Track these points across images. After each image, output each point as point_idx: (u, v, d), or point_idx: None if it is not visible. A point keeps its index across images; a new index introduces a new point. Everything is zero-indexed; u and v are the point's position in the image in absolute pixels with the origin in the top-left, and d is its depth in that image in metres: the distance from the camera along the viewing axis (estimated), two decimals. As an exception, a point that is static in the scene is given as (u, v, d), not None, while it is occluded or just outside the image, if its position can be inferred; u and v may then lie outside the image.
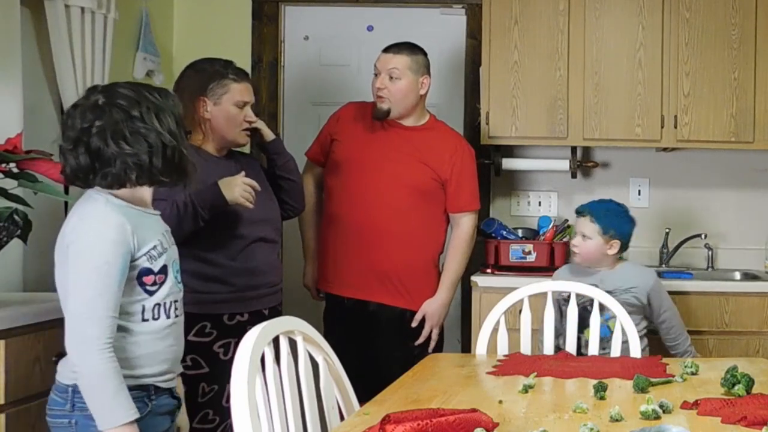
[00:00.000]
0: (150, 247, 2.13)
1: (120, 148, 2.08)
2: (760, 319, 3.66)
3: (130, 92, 2.12)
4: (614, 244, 3.20)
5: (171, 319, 2.18)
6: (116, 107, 2.09)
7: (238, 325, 2.85)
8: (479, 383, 2.37)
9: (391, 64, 3.33)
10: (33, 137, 2.89)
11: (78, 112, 2.11)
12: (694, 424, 1.89)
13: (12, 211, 2.42)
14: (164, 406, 2.19)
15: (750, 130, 3.85)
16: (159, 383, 2.16)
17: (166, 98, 2.19)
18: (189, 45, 4.12)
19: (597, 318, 2.87)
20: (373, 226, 3.32)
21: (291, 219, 3.27)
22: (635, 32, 3.86)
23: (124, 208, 2.11)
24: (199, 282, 2.78)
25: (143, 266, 2.11)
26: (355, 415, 2.03)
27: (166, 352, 2.17)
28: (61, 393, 2.11)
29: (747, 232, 4.18)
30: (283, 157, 3.08)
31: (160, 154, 2.11)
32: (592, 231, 3.19)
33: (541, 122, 3.88)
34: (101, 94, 2.12)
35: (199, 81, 2.89)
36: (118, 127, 2.08)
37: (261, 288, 2.91)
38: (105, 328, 2.02)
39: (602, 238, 3.19)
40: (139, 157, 2.09)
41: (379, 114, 3.35)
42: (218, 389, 2.81)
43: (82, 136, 2.08)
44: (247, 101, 2.90)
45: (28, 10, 3.02)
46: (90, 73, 3.13)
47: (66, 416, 2.10)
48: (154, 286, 2.14)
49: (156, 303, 2.14)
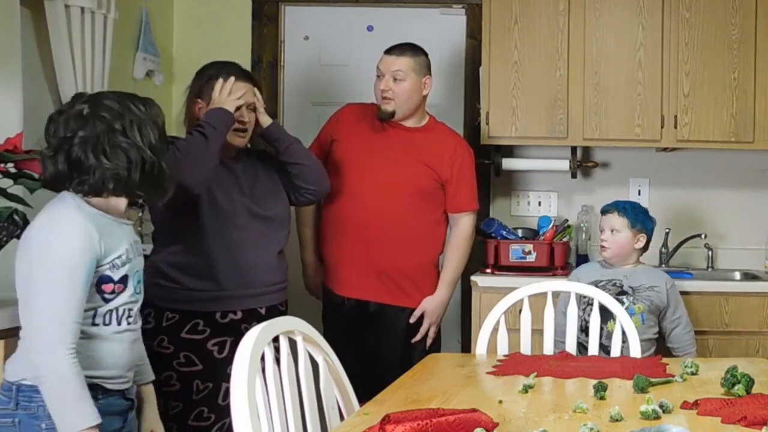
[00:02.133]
0: (115, 257, 2.13)
1: (99, 161, 2.09)
2: (760, 319, 3.66)
3: (115, 104, 2.13)
4: (641, 238, 3.34)
5: (122, 326, 2.18)
6: (99, 119, 2.10)
7: (231, 323, 2.84)
8: (479, 383, 2.37)
9: (395, 66, 3.33)
10: (33, 137, 2.88)
11: (62, 119, 2.12)
12: (694, 424, 1.89)
13: (12, 211, 2.42)
14: (114, 406, 2.18)
15: (750, 130, 3.85)
16: (106, 384, 2.16)
17: (150, 109, 2.20)
18: (189, 45, 4.12)
19: (622, 310, 2.91)
20: (372, 227, 3.32)
21: (313, 203, 3.28)
22: (635, 32, 3.86)
23: (94, 215, 2.12)
24: (191, 279, 2.78)
25: (104, 274, 2.11)
26: (355, 415, 2.03)
27: (116, 356, 2.17)
28: (6, 392, 2.11)
29: (747, 232, 4.19)
30: (284, 142, 3.01)
31: (138, 168, 2.13)
32: (622, 224, 3.31)
33: (541, 122, 3.88)
34: (86, 103, 2.13)
35: (197, 84, 2.93)
36: (99, 140, 2.09)
37: (256, 286, 2.89)
38: (70, 333, 2.02)
39: (631, 231, 3.31)
40: (118, 172, 2.11)
41: (384, 115, 3.36)
42: (213, 387, 2.80)
43: (63, 144, 2.10)
44: (239, 103, 2.88)
45: (28, 10, 3.01)
46: (90, 73, 3.13)
47: (9, 415, 2.09)
48: (111, 294, 2.14)
49: (108, 309, 2.15)
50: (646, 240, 3.36)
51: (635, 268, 3.36)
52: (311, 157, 3.12)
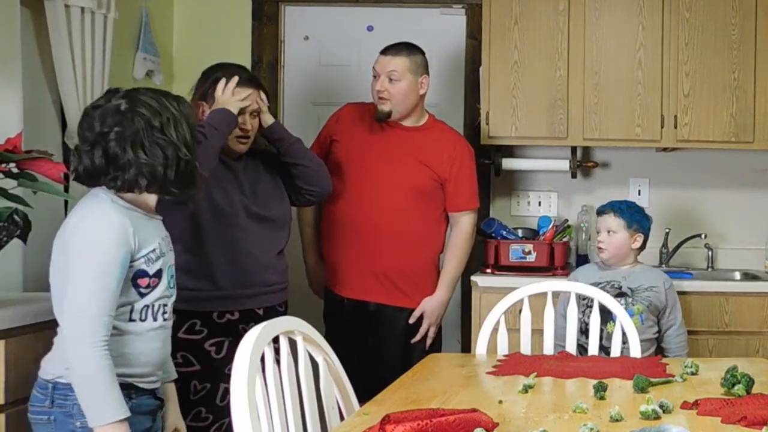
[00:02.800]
0: (149, 250, 2.14)
1: (137, 156, 2.10)
2: (760, 319, 3.66)
3: (153, 101, 2.14)
4: (638, 238, 3.32)
5: (158, 322, 2.18)
6: (138, 115, 2.11)
7: (229, 323, 2.85)
8: (479, 383, 2.37)
9: (390, 66, 3.33)
10: (33, 137, 2.89)
11: (98, 113, 2.12)
12: (694, 424, 1.89)
13: (12, 211, 2.41)
14: (145, 405, 2.19)
15: (750, 130, 3.85)
16: (139, 383, 2.16)
17: (183, 107, 2.21)
18: (189, 45, 4.12)
19: (622, 310, 2.89)
20: (372, 227, 3.32)
21: (314, 204, 3.27)
22: (635, 32, 3.86)
23: (128, 210, 2.13)
24: (189, 279, 2.78)
25: (140, 268, 2.12)
26: (355, 415, 2.03)
27: (149, 354, 2.17)
28: (42, 389, 2.12)
29: (747, 232, 4.18)
30: (286, 142, 3.00)
31: (174, 166, 2.14)
32: (618, 225, 3.30)
33: (541, 122, 3.88)
34: (124, 99, 2.13)
35: (201, 86, 2.93)
36: (138, 135, 2.10)
37: (254, 287, 2.89)
38: (101, 326, 2.02)
39: (627, 232, 3.30)
40: (154, 168, 2.11)
41: (380, 116, 3.36)
42: (211, 387, 2.81)
43: (100, 139, 2.10)
44: (243, 104, 2.88)
45: (28, 10, 3.01)
46: (90, 73, 3.13)
47: (45, 413, 2.10)
48: (147, 288, 2.15)
49: (145, 305, 2.15)
50: (643, 239, 3.35)
51: (633, 269, 3.35)
52: (313, 158, 3.11)
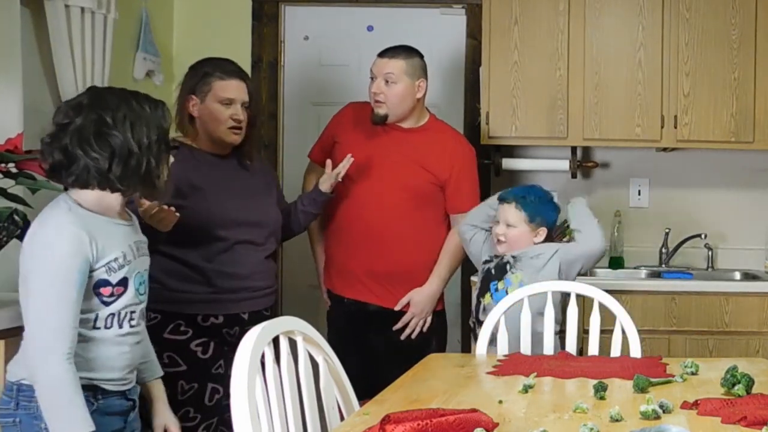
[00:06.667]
0: (110, 259, 2.12)
1: (83, 150, 2.09)
2: (760, 319, 3.66)
3: (115, 98, 2.14)
4: (541, 232, 3.06)
5: (124, 329, 2.17)
6: (93, 109, 2.11)
7: (213, 327, 2.85)
8: (479, 383, 2.37)
9: (387, 69, 3.30)
10: (33, 137, 2.88)
11: (63, 108, 2.14)
12: (694, 424, 1.89)
13: (12, 211, 2.41)
14: (115, 406, 2.19)
15: (750, 130, 3.85)
16: (104, 386, 2.15)
17: (155, 110, 2.18)
18: (189, 45, 4.12)
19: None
20: (372, 229, 3.31)
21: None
22: (635, 32, 3.86)
23: (87, 217, 2.11)
24: (174, 281, 2.79)
25: (100, 278, 2.10)
26: (355, 415, 2.03)
27: (116, 359, 2.16)
28: (8, 392, 2.11)
29: (747, 232, 4.19)
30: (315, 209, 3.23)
31: (122, 162, 2.11)
32: (518, 219, 3.03)
33: (541, 122, 3.88)
34: (87, 94, 2.15)
35: (190, 80, 2.94)
36: (87, 129, 2.09)
37: (240, 291, 2.89)
38: (64, 338, 2.02)
39: (528, 226, 3.04)
40: (99, 162, 2.09)
41: (376, 119, 3.34)
42: (198, 387, 2.81)
43: (59, 132, 2.11)
44: (232, 98, 2.89)
45: (28, 10, 3.01)
46: (90, 73, 3.13)
47: (10, 415, 2.09)
48: (111, 297, 2.14)
49: (110, 313, 2.14)
50: (547, 232, 3.07)
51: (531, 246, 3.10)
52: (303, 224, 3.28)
